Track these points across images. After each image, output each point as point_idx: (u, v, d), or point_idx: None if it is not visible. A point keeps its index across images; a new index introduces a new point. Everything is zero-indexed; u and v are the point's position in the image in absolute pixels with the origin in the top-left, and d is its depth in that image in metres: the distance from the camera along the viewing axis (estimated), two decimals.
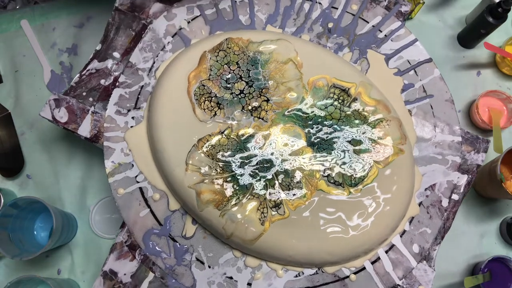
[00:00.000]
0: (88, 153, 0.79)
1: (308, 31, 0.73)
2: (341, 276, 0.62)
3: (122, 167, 0.65)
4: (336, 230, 0.61)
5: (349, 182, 0.63)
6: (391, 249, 0.64)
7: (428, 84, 0.71)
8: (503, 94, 0.81)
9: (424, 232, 0.65)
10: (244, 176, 0.62)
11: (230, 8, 0.73)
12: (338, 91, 0.67)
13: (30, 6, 0.88)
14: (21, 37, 0.85)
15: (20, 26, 0.86)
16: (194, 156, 0.62)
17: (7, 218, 0.67)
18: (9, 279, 0.65)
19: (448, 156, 0.68)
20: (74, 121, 0.67)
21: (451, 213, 0.67)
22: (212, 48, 0.67)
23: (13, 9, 0.89)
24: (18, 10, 0.88)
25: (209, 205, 0.60)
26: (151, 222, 0.63)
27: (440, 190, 0.67)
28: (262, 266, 0.62)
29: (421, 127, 0.69)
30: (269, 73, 0.66)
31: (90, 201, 0.78)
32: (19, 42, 0.85)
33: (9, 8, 0.89)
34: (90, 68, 0.70)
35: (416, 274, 0.64)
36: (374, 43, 0.73)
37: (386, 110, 0.66)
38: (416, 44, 0.73)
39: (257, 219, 0.60)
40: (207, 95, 0.65)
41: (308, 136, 0.64)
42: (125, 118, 0.67)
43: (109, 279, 0.62)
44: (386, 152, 0.64)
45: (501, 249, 0.78)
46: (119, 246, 0.63)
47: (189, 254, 0.62)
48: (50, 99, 0.67)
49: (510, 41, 0.85)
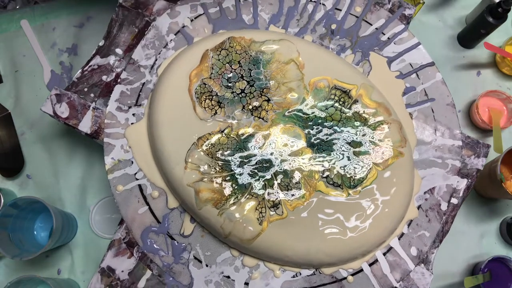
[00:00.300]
0: (88, 153, 0.79)
1: (311, 32, 0.73)
2: (338, 277, 0.62)
3: (122, 164, 0.65)
4: (334, 231, 0.61)
5: (348, 184, 0.63)
6: (389, 252, 0.64)
7: (429, 88, 0.71)
8: (503, 94, 0.81)
9: (422, 235, 0.65)
10: (243, 175, 0.62)
11: (234, 7, 0.73)
12: (339, 93, 0.66)
13: (30, 6, 0.88)
14: (21, 37, 0.85)
15: (20, 26, 0.86)
16: (194, 154, 0.62)
17: (7, 218, 0.68)
18: (9, 279, 0.65)
19: (448, 160, 0.68)
20: (75, 117, 0.67)
21: (450, 217, 0.67)
22: (214, 47, 0.67)
23: (13, 9, 0.88)
24: (18, 10, 0.88)
25: (207, 204, 0.60)
26: (150, 220, 0.63)
27: (440, 193, 0.67)
28: (259, 266, 0.62)
29: (422, 130, 0.69)
30: (270, 73, 0.66)
31: (90, 201, 0.78)
32: (19, 42, 0.85)
33: (9, 8, 0.89)
34: (92, 64, 0.70)
35: (413, 277, 0.64)
36: (377, 45, 0.73)
37: (386, 112, 0.66)
38: (419, 47, 0.73)
39: (255, 219, 0.60)
40: (208, 93, 0.65)
41: (308, 137, 0.64)
42: (125, 115, 0.67)
43: (107, 275, 0.62)
44: (386, 155, 0.64)
45: (501, 249, 0.78)
46: (117, 243, 0.63)
47: (187, 252, 0.62)
48: (52, 94, 0.67)
49: (510, 41, 0.85)
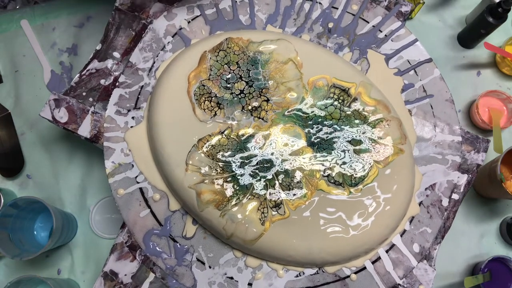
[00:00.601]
0: (88, 153, 0.79)
1: (308, 31, 0.73)
2: (341, 275, 0.62)
3: (122, 167, 0.65)
4: (337, 230, 0.61)
5: (349, 182, 0.63)
6: (392, 249, 0.64)
7: (428, 84, 0.71)
8: (503, 94, 0.81)
9: (424, 232, 0.65)
10: (244, 176, 0.62)
11: (230, 8, 0.73)
12: (338, 91, 0.67)
13: (30, 6, 0.88)
14: (21, 37, 0.85)
15: (20, 26, 0.86)
16: (194, 156, 0.62)
17: (7, 218, 0.67)
18: (9, 279, 0.65)
19: (448, 155, 0.68)
20: (74, 121, 0.67)
21: (451, 212, 0.67)
22: (212, 48, 0.67)
23: (13, 9, 0.88)
24: (18, 10, 0.88)
25: (209, 205, 0.60)
26: (152, 223, 0.63)
27: (440, 189, 0.67)
28: (262, 266, 0.62)
29: (421, 127, 0.69)
30: (269, 73, 0.66)
31: (90, 201, 0.78)
32: (19, 42, 0.85)
33: (9, 8, 0.89)
34: (90, 68, 0.70)
35: (416, 274, 0.64)
36: (374, 43, 0.73)
37: (386, 110, 0.66)
38: (416, 44, 0.73)
39: (258, 219, 0.60)
40: (207, 95, 0.65)
41: (308, 136, 0.64)
42: (125, 118, 0.67)
43: (110, 279, 0.62)
44: (386, 152, 0.65)
45: (501, 249, 0.78)
46: (119, 247, 0.63)
47: (190, 254, 0.62)
48: (50, 99, 0.67)
49: (510, 41, 0.85)
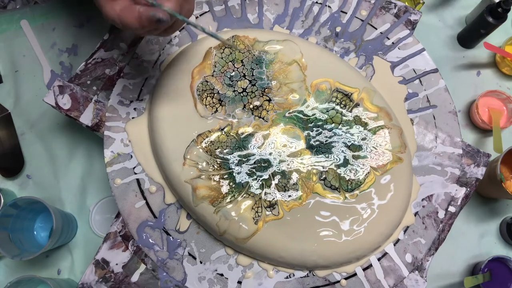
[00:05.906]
0: (88, 153, 0.79)
1: (315, 33, 0.73)
2: (331, 280, 0.62)
3: (121, 157, 0.65)
4: (329, 234, 0.61)
5: (345, 187, 0.63)
6: (384, 257, 0.64)
7: (432, 95, 0.71)
8: (503, 94, 0.81)
9: (418, 242, 0.65)
10: (241, 174, 0.62)
11: (239, 6, 0.73)
12: (341, 96, 0.66)
13: (30, 6, 0.87)
14: (21, 37, 0.85)
15: (20, 26, 0.86)
16: (193, 151, 0.62)
17: (7, 218, 0.68)
18: (9, 279, 0.65)
19: (447, 167, 0.68)
20: (77, 109, 0.68)
21: (446, 225, 0.66)
22: (218, 45, 0.67)
23: (13, 9, 0.88)
24: (18, 10, 0.87)
25: (204, 201, 0.60)
26: (146, 214, 0.63)
27: (437, 201, 0.67)
28: (253, 265, 0.62)
29: (422, 136, 0.69)
30: (273, 73, 0.66)
31: (90, 201, 0.78)
32: (19, 42, 0.85)
33: (9, 8, 0.88)
34: (96, 57, 0.70)
35: (407, 284, 0.63)
36: (381, 50, 0.73)
37: (387, 117, 0.66)
38: (423, 53, 0.73)
39: (251, 218, 0.60)
40: (209, 91, 0.65)
41: (307, 139, 0.64)
42: (127, 109, 0.67)
43: (101, 267, 0.62)
44: (385, 160, 0.64)
45: (501, 249, 0.78)
46: (112, 236, 0.63)
47: (182, 248, 0.62)
48: (55, 86, 0.68)
49: (510, 41, 0.85)
